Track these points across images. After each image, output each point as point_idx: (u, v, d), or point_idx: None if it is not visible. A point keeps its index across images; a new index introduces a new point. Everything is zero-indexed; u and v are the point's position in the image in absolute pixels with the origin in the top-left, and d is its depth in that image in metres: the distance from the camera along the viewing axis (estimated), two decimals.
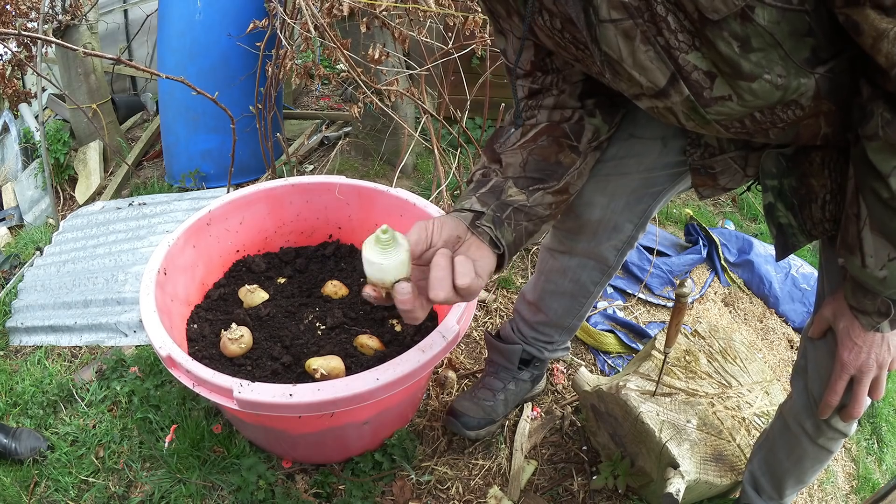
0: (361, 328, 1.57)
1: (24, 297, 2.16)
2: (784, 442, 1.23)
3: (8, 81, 2.98)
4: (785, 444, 1.23)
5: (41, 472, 1.54)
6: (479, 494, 1.54)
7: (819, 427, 1.13)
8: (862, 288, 0.84)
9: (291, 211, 1.79)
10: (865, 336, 0.93)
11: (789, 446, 1.22)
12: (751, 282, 2.42)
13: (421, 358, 1.17)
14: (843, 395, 1.01)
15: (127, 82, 3.95)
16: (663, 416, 1.38)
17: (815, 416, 1.12)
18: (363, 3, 1.79)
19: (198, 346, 1.48)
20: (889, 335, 0.93)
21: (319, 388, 1.11)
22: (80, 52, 1.49)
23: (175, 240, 1.50)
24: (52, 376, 1.82)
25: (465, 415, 1.57)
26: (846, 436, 1.14)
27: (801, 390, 1.15)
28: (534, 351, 1.57)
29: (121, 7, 3.73)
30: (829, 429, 1.12)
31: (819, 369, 1.08)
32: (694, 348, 1.60)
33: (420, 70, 1.96)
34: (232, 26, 2.50)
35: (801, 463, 1.23)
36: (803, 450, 1.20)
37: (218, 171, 2.79)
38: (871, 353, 0.94)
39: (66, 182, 3.19)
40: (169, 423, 1.62)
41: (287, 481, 1.50)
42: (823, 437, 1.15)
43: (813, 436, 1.16)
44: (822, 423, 1.12)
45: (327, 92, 3.94)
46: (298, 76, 1.99)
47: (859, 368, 0.95)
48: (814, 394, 1.11)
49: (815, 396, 1.11)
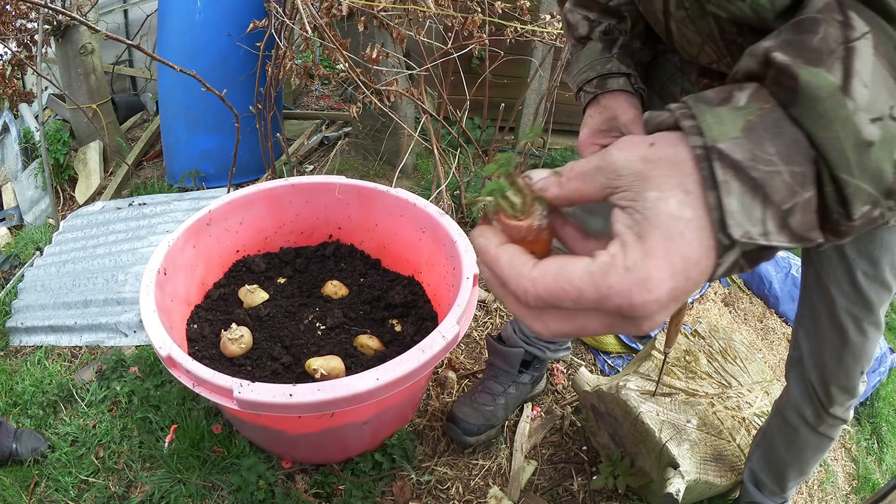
0: (361, 328, 1.57)
1: (24, 297, 2.16)
2: (783, 436, 1.25)
3: (8, 81, 2.98)
4: (784, 439, 1.25)
5: (41, 472, 1.54)
6: (479, 494, 1.54)
7: (819, 415, 1.15)
8: (774, 125, 0.41)
9: (291, 211, 1.79)
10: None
11: (789, 440, 1.24)
12: (751, 282, 2.42)
13: (421, 358, 1.17)
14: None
15: (127, 82, 3.95)
16: (663, 416, 1.38)
17: (814, 405, 1.14)
18: (362, 3, 1.79)
19: (198, 346, 1.48)
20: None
21: (319, 388, 1.11)
22: (102, 32, 1.48)
23: (175, 240, 1.50)
24: (52, 376, 1.82)
25: (465, 421, 1.57)
26: (845, 422, 1.17)
27: (797, 381, 1.17)
28: (535, 351, 1.57)
29: (121, 7, 3.73)
30: (828, 416, 1.14)
31: (814, 356, 1.10)
32: (694, 348, 1.60)
33: (419, 70, 1.96)
34: (232, 26, 2.50)
35: (803, 454, 1.25)
36: (804, 440, 1.22)
37: (218, 171, 2.79)
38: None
39: (66, 182, 3.19)
40: (169, 423, 1.62)
41: (287, 481, 1.50)
42: (824, 425, 1.17)
43: (813, 424, 1.17)
44: (822, 411, 1.14)
45: (327, 92, 3.94)
46: (298, 76, 1.99)
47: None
48: (811, 381, 1.13)
49: (812, 384, 1.13)
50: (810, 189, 0.36)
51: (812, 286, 1.07)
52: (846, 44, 0.37)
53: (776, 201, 0.35)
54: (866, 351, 1.06)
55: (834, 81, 0.36)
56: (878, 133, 0.36)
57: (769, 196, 0.35)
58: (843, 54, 0.36)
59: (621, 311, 0.36)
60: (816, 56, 0.36)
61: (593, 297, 0.35)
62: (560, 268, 0.36)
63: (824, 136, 0.35)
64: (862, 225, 0.38)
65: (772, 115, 0.37)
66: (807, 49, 0.37)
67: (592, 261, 0.36)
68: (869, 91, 0.36)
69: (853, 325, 1.03)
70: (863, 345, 1.05)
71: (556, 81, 2.47)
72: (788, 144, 0.36)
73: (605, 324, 0.37)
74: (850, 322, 1.03)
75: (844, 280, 1.00)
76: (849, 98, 0.36)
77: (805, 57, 0.37)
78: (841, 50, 0.37)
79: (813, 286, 1.06)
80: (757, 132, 0.36)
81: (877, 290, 1.00)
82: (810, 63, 0.36)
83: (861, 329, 1.03)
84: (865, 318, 1.02)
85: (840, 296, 1.02)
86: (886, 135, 0.36)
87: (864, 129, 0.36)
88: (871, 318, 1.03)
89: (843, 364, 1.07)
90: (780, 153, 0.36)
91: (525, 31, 2.01)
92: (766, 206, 0.35)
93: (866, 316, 1.02)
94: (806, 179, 0.36)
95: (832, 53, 0.36)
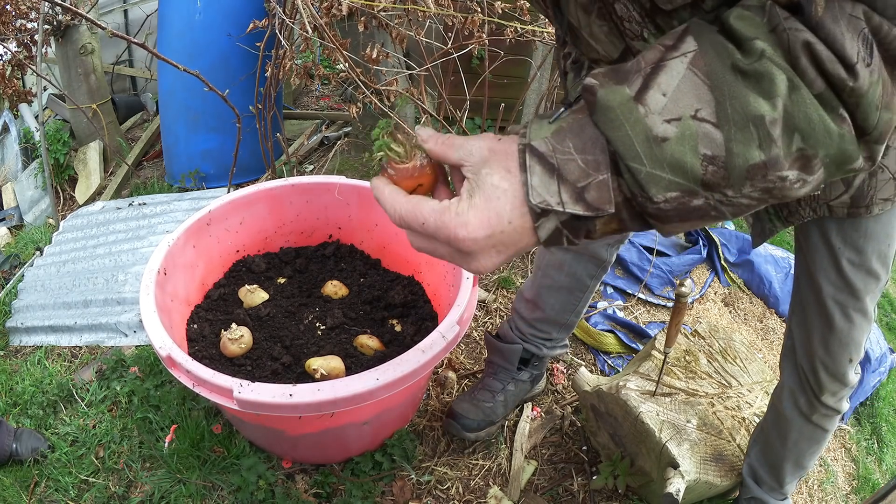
0: (361, 328, 1.57)
1: (24, 297, 2.16)
2: (778, 429, 1.27)
3: (8, 81, 2.98)
4: (779, 432, 1.27)
5: (41, 472, 1.54)
6: (479, 494, 1.54)
7: (811, 403, 1.18)
8: (579, 128, 0.50)
9: (291, 211, 1.79)
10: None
11: (784, 432, 1.25)
12: (751, 282, 2.42)
13: (421, 358, 1.17)
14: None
15: (127, 82, 3.95)
16: (663, 416, 1.38)
17: (806, 393, 1.17)
18: (361, 3, 1.79)
19: (198, 346, 1.48)
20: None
21: (319, 389, 1.11)
22: (108, 30, 1.46)
23: (175, 240, 1.50)
24: (52, 376, 1.82)
25: (465, 416, 1.57)
26: (839, 412, 1.19)
27: (791, 369, 1.19)
28: (532, 349, 1.57)
29: (121, 7, 3.73)
30: (820, 405, 1.17)
31: (805, 344, 1.13)
32: (694, 348, 1.60)
33: (419, 70, 1.96)
34: (232, 26, 2.50)
35: (798, 446, 1.27)
36: (798, 432, 1.24)
37: (218, 171, 2.79)
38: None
39: (66, 182, 3.19)
40: (169, 423, 1.62)
41: (287, 481, 1.50)
42: (817, 414, 1.19)
43: (807, 413, 1.20)
44: (814, 399, 1.16)
45: (327, 92, 3.94)
46: (298, 76, 1.99)
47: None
48: (804, 368, 1.15)
49: (804, 371, 1.15)
50: (604, 173, 0.48)
51: (801, 275, 1.10)
52: (658, 62, 0.47)
53: (570, 180, 0.48)
54: (853, 337, 1.08)
55: (628, 93, 0.47)
56: (674, 131, 0.46)
57: (564, 176, 0.48)
58: (648, 72, 0.47)
59: (449, 241, 0.51)
60: (624, 76, 0.48)
61: (433, 226, 0.51)
62: (418, 202, 0.53)
63: (614, 134, 0.47)
64: (677, 210, 0.48)
65: (580, 121, 0.49)
66: (620, 72, 0.49)
67: (439, 203, 0.52)
68: (667, 98, 0.46)
69: (839, 311, 1.06)
70: (849, 331, 1.07)
71: (556, 81, 2.47)
72: (585, 141, 0.48)
73: (447, 252, 0.53)
74: (837, 309, 1.06)
75: (830, 268, 1.04)
76: (640, 105, 0.46)
77: (616, 78, 0.48)
78: (648, 69, 0.48)
79: (802, 275, 1.10)
80: (562, 133, 0.49)
81: (863, 277, 1.03)
82: (617, 83, 0.48)
83: (847, 316, 1.06)
84: (851, 305, 1.05)
85: (826, 283, 1.05)
86: (686, 132, 0.46)
87: (655, 128, 0.46)
88: (857, 304, 1.05)
89: (830, 350, 1.10)
90: (577, 146, 0.48)
91: (525, 31, 2.01)
92: (562, 183, 0.48)
93: (852, 303, 1.05)
94: (600, 165, 0.48)
95: (638, 72, 0.48)
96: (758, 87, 0.45)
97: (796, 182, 0.48)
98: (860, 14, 0.44)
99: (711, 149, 0.46)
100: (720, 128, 0.46)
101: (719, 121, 0.46)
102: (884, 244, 1.00)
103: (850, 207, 0.95)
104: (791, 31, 0.45)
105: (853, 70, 0.44)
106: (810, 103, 0.45)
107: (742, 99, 0.45)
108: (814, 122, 0.46)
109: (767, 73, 0.45)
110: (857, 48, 0.44)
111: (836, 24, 0.44)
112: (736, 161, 0.46)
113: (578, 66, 1.07)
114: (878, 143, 0.48)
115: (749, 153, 0.46)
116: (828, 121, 0.46)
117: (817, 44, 0.44)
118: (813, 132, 0.46)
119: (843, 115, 0.46)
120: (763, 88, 0.45)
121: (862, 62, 0.44)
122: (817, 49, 0.44)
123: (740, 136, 0.46)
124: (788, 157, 0.46)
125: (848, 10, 0.44)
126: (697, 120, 0.46)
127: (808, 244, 1.06)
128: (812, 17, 0.45)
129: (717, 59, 0.46)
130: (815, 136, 0.46)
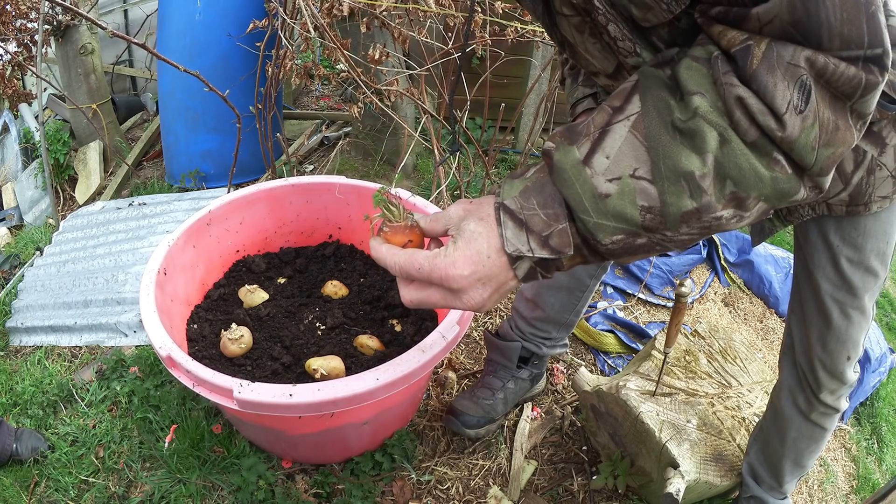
0: (361, 328, 1.57)
1: (24, 297, 2.16)
2: (777, 428, 1.27)
3: (8, 81, 2.98)
4: (778, 431, 1.27)
5: (41, 472, 1.54)
6: (479, 494, 1.54)
7: (810, 401, 1.18)
8: (541, 186, 0.59)
9: (291, 211, 1.79)
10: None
11: (783, 431, 1.26)
12: (751, 282, 2.42)
13: (421, 358, 1.17)
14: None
15: (127, 82, 3.95)
16: (663, 416, 1.38)
17: (805, 391, 1.18)
18: (363, 3, 1.79)
19: (198, 346, 1.48)
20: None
21: (319, 389, 1.11)
22: (108, 31, 1.46)
23: (175, 240, 1.50)
24: (52, 376, 1.82)
25: (465, 413, 1.57)
26: (838, 411, 1.19)
27: (790, 367, 1.20)
28: (532, 347, 1.58)
29: (121, 7, 3.73)
30: (819, 403, 1.17)
31: (803, 341, 1.13)
32: (694, 348, 1.60)
33: (420, 70, 1.96)
34: (232, 26, 2.50)
35: (797, 444, 1.27)
36: (797, 430, 1.24)
37: (218, 171, 2.79)
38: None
39: (66, 182, 3.19)
40: (169, 423, 1.62)
41: (287, 481, 1.50)
42: (815, 413, 1.19)
43: (805, 411, 1.20)
44: (812, 397, 1.17)
45: (327, 92, 3.94)
46: (298, 76, 1.99)
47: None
48: (802, 366, 1.16)
49: (803, 369, 1.16)
50: (563, 222, 0.57)
51: (800, 273, 1.11)
52: (605, 126, 0.55)
53: (536, 231, 0.57)
54: (851, 336, 1.09)
55: (578, 157, 0.55)
56: (615, 188, 0.54)
57: (531, 228, 0.57)
58: (596, 136, 0.55)
59: (442, 281, 0.59)
60: (576, 137, 0.56)
61: (427, 270, 0.59)
62: (413, 252, 0.61)
63: (567, 192, 0.56)
64: (624, 248, 0.57)
65: (541, 180, 0.58)
66: (573, 132, 0.57)
67: (431, 251, 0.60)
68: (610, 160, 0.54)
69: (837, 309, 1.06)
70: (847, 329, 1.08)
71: (556, 82, 2.47)
72: (546, 197, 0.57)
73: (440, 296, 0.61)
74: (835, 306, 1.06)
75: (829, 266, 1.04)
76: (587, 167, 0.55)
77: (570, 138, 0.57)
78: (596, 133, 0.55)
79: (801, 273, 1.11)
80: (528, 192, 0.58)
81: (861, 275, 1.03)
82: (570, 143, 0.56)
83: (845, 313, 1.07)
84: (849, 303, 1.06)
85: (825, 281, 1.05)
86: (625, 189, 0.54)
87: (599, 187, 0.54)
88: (855, 302, 1.06)
89: (828, 348, 1.10)
90: (539, 203, 0.57)
91: (526, 32, 2.01)
92: (529, 234, 0.57)
93: (850, 301, 1.06)
94: (559, 217, 0.57)
95: (588, 136, 0.56)
96: (691, 144, 0.51)
97: (732, 218, 0.54)
98: (801, 62, 0.48)
99: (648, 201, 0.53)
100: (655, 184, 0.53)
101: (654, 178, 0.53)
102: (882, 242, 1.01)
103: (848, 205, 0.96)
104: (727, 87, 0.50)
105: (781, 120, 0.49)
106: (740, 153, 0.51)
107: (675, 158, 0.52)
108: (744, 169, 0.51)
109: (699, 130, 0.51)
110: (788, 97, 0.48)
111: (770, 75, 0.49)
112: (670, 210, 0.53)
113: (576, 73, 1.12)
114: (821, 176, 0.53)
115: (681, 203, 0.53)
116: (758, 167, 0.51)
117: (750, 98, 0.49)
118: (744, 178, 0.52)
119: (777, 157, 0.51)
120: (695, 145, 0.51)
121: (793, 111, 0.49)
122: (749, 103, 0.49)
123: (673, 189, 0.52)
124: (721, 201, 0.53)
125: (787, 58, 0.48)
126: (635, 178, 0.53)
127: (807, 242, 1.06)
128: (747, 69, 0.49)
129: (656, 120, 0.53)
130: (746, 181, 0.52)
